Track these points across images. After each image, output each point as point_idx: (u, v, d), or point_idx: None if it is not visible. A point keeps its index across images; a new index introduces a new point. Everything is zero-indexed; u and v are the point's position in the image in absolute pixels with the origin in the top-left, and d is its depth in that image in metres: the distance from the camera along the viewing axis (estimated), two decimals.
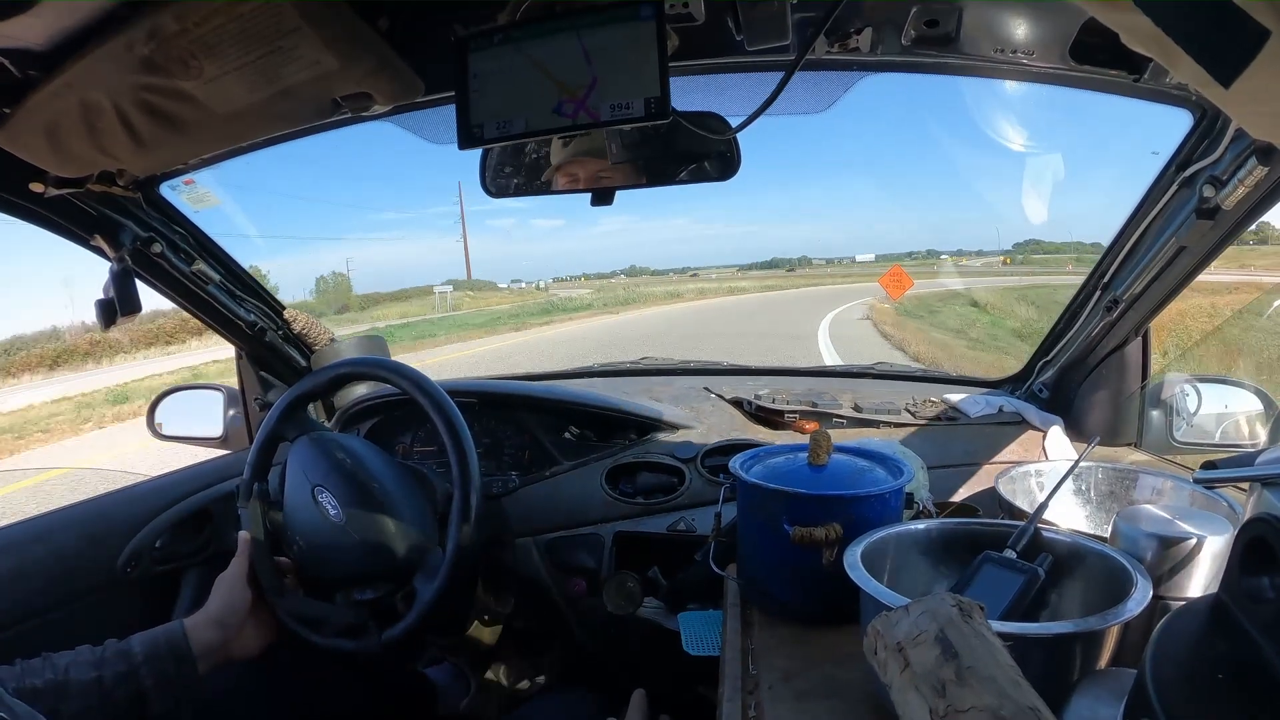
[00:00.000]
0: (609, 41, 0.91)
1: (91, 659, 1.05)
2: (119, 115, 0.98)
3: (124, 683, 1.05)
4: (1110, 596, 0.73)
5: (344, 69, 0.94)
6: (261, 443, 1.34)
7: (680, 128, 1.06)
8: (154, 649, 1.10)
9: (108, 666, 1.05)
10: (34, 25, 0.82)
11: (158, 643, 1.11)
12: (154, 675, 1.07)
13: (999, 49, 1.00)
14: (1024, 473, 1.18)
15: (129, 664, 1.07)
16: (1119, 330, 1.40)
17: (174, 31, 0.84)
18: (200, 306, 1.59)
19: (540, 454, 1.70)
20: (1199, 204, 1.10)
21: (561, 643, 1.76)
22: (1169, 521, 0.82)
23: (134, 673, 1.06)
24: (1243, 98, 0.43)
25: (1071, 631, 0.68)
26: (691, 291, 40.08)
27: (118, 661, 1.06)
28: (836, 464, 1.06)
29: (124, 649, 1.09)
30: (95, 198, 1.26)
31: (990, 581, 0.79)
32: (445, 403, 1.22)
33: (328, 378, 1.33)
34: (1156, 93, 1.03)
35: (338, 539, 1.23)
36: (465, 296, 37.91)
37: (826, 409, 1.63)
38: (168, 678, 1.08)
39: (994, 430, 1.59)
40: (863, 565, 0.82)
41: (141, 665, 1.07)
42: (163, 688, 1.07)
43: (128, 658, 1.07)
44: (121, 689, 1.04)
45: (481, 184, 1.27)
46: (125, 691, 1.05)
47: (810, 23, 0.96)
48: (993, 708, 0.47)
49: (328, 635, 1.23)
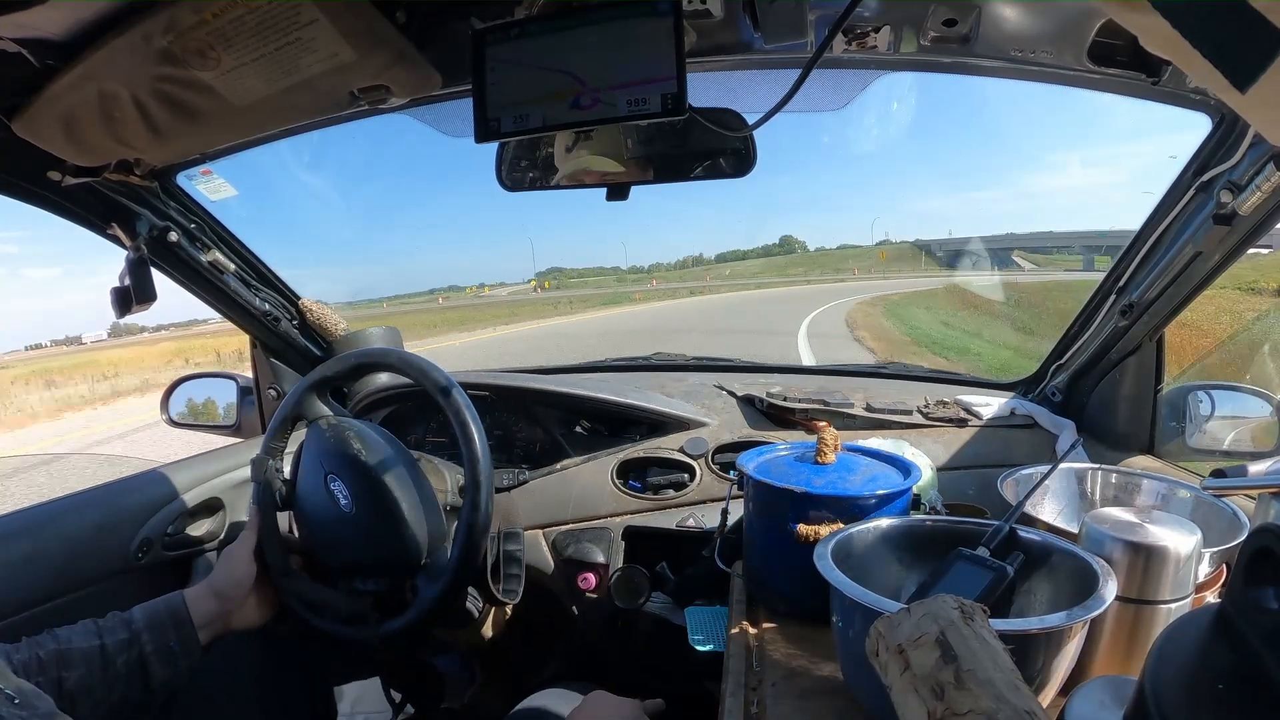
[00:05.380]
0: (626, 36, 0.90)
1: (93, 628, 1.07)
2: (136, 105, 0.99)
3: (125, 650, 1.07)
4: (1078, 596, 0.74)
5: (361, 61, 0.95)
6: (279, 422, 1.35)
7: (696, 124, 1.05)
8: (155, 618, 1.11)
9: (109, 634, 1.07)
10: (53, 16, 0.82)
11: (159, 612, 1.12)
12: (155, 643, 1.09)
13: (1017, 49, 1.00)
14: (1028, 475, 1.17)
15: (130, 631, 1.08)
16: (1133, 335, 1.39)
17: (192, 23, 0.85)
18: (215, 295, 1.60)
19: (551, 447, 1.71)
20: (1215, 209, 1.09)
21: (568, 635, 1.77)
22: (1134, 525, 0.82)
23: (135, 639, 1.08)
24: (1260, 102, 0.43)
25: (1035, 629, 0.68)
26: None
27: (119, 629, 1.08)
28: (844, 463, 1.06)
29: (125, 618, 1.11)
30: (112, 187, 1.28)
31: (960, 577, 0.79)
32: (458, 395, 1.23)
33: (349, 365, 1.33)
34: (1175, 96, 1.02)
35: (346, 528, 1.24)
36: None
37: (838, 408, 1.63)
38: (168, 646, 1.10)
39: (1006, 433, 1.58)
40: (839, 559, 0.83)
41: (143, 632, 1.09)
42: (164, 655, 1.09)
43: (129, 625, 1.09)
44: (123, 656, 1.06)
45: (497, 178, 1.27)
46: (126, 659, 1.06)
47: (828, 21, 0.96)
48: (990, 711, 0.47)
49: (327, 620, 1.24)
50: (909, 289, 30.73)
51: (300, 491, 1.32)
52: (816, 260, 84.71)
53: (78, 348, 59.23)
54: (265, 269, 1.68)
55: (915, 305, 23.13)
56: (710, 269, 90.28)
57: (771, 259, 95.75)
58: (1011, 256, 57.61)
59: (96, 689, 1.03)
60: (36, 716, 0.80)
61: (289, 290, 1.76)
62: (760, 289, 44.49)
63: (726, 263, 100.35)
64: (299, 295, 1.78)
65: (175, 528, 1.48)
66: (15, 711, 0.81)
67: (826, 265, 75.07)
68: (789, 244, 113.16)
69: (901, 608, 0.60)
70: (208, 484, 1.56)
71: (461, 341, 20.99)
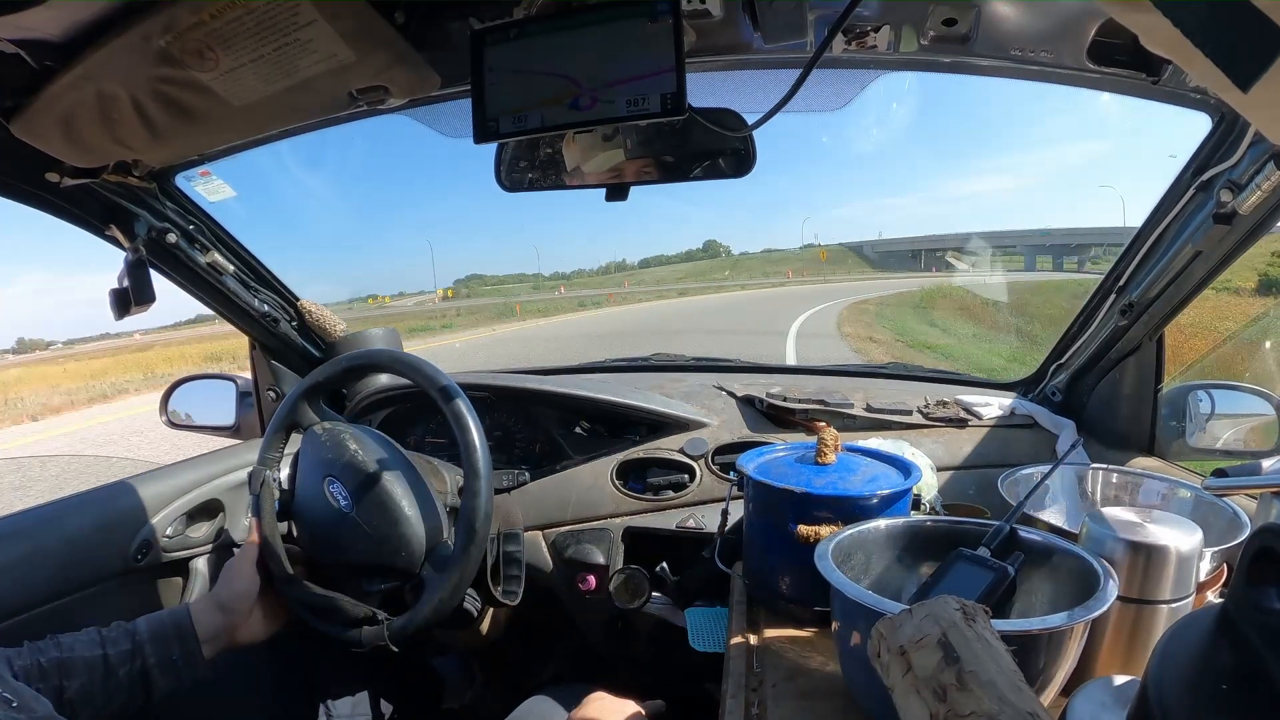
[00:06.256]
0: (626, 36, 0.90)
1: (96, 637, 1.07)
2: (135, 106, 0.99)
3: (128, 661, 1.06)
4: (1080, 596, 0.74)
5: (360, 62, 0.95)
6: (274, 431, 1.34)
7: (696, 124, 1.05)
8: (159, 629, 1.11)
9: (112, 645, 1.06)
10: (51, 17, 0.82)
11: (163, 624, 1.12)
12: (158, 655, 1.08)
13: (1017, 49, 1.00)
14: (1028, 475, 1.17)
15: (133, 642, 1.08)
16: (1133, 334, 1.39)
17: (190, 24, 0.85)
18: (214, 296, 1.60)
19: (551, 448, 1.71)
20: (1216, 208, 1.09)
21: (568, 636, 1.77)
22: (1135, 525, 0.82)
23: (138, 651, 1.07)
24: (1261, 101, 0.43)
25: (1037, 630, 0.68)
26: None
27: (123, 640, 1.08)
28: (844, 463, 1.06)
29: (129, 628, 1.10)
30: (110, 188, 1.28)
31: (961, 578, 0.79)
32: (457, 396, 1.23)
33: (342, 368, 1.33)
34: (1175, 95, 1.02)
35: (347, 530, 1.23)
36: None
37: (838, 408, 1.63)
38: (171, 659, 1.09)
39: (1006, 433, 1.58)
40: (839, 560, 0.83)
41: (146, 644, 1.08)
42: (166, 668, 1.08)
43: (132, 636, 1.09)
44: (125, 667, 1.06)
45: (496, 179, 1.27)
46: (129, 670, 1.06)
47: (827, 21, 0.95)
48: (992, 713, 0.47)
49: (335, 625, 1.23)
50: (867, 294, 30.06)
51: (299, 497, 1.31)
52: (742, 265, 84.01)
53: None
54: (264, 270, 1.68)
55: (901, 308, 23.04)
56: (632, 274, 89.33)
57: (695, 264, 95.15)
58: (945, 258, 57.75)
59: (97, 698, 1.03)
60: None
61: (288, 291, 1.76)
62: (681, 296, 42.92)
63: (649, 268, 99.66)
64: (298, 297, 1.78)
65: (174, 529, 1.48)
66: (13, 715, 0.81)
67: (753, 270, 74.14)
68: (713, 249, 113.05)
69: (903, 609, 0.60)
70: (206, 485, 1.56)
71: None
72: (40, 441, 11.13)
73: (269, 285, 1.71)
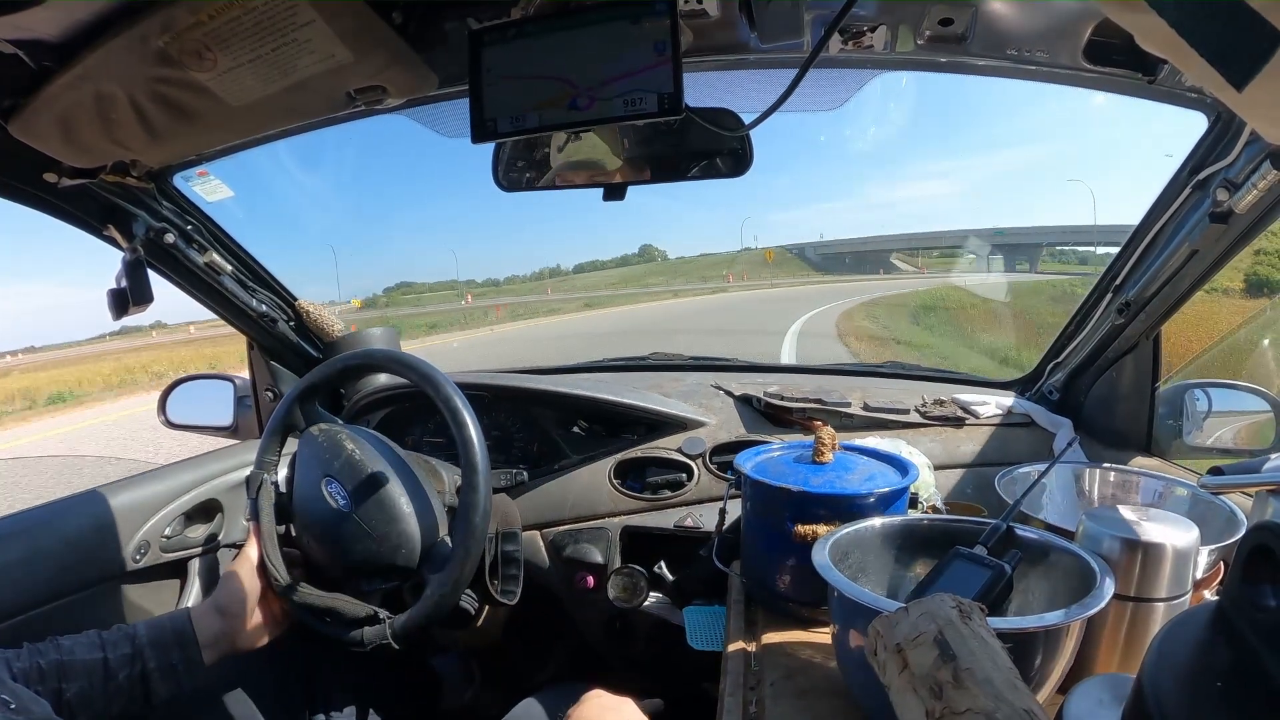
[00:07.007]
0: (623, 36, 0.90)
1: (96, 640, 1.06)
2: (133, 106, 0.99)
3: (127, 665, 1.06)
4: (1076, 594, 0.74)
5: (358, 62, 0.95)
6: (271, 433, 1.34)
7: (693, 123, 1.05)
8: (159, 634, 1.10)
9: (112, 648, 1.06)
10: (49, 17, 0.82)
11: (163, 628, 1.12)
12: (157, 659, 1.08)
13: (1013, 48, 1.00)
14: (1025, 474, 1.17)
15: (133, 646, 1.08)
16: (1130, 333, 1.40)
17: (188, 24, 0.85)
18: (212, 296, 1.60)
19: (549, 448, 1.71)
20: (1212, 208, 1.10)
21: (566, 635, 1.77)
22: (1132, 523, 0.82)
23: (138, 655, 1.07)
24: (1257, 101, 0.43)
25: (1033, 628, 0.69)
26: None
27: (122, 644, 1.07)
28: (842, 462, 1.07)
29: (129, 632, 1.10)
30: (108, 188, 1.28)
31: (958, 576, 0.80)
32: (454, 395, 1.23)
33: (338, 369, 1.33)
34: (1171, 94, 1.03)
35: (345, 530, 1.23)
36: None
37: (835, 407, 1.63)
38: (171, 663, 1.09)
39: (1003, 432, 1.58)
40: (836, 559, 0.83)
41: (146, 648, 1.08)
42: (166, 673, 1.08)
43: (132, 641, 1.08)
44: (125, 671, 1.05)
45: (494, 178, 1.27)
46: (128, 674, 1.05)
47: (824, 20, 0.96)
48: (988, 710, 0.47)
49: (336, 626, 1.23)
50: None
51: (297, 499, 1.31)
52: (678, 269, 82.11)
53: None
54: (262, 270, 1.68)
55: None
56: (566, 280, 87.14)
57: (630, 268, 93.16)
58: (891, 259, 57.42)
59: (96, 701, 1.03)
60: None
61: (286, 291, 1.76)
62: (620, 304, 40.92)
63: (584, 273, 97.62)
64: (295, 297, 1.78)
65: (173, 530, 1.48)
66: (12, 716, 0.81)
67: (690, 273, 72.22)
68: (649, 253, 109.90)
69: (899, 607, 0.60)
70: (205, 486, 1.55)
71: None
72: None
73: (267, 285, 1.71)
